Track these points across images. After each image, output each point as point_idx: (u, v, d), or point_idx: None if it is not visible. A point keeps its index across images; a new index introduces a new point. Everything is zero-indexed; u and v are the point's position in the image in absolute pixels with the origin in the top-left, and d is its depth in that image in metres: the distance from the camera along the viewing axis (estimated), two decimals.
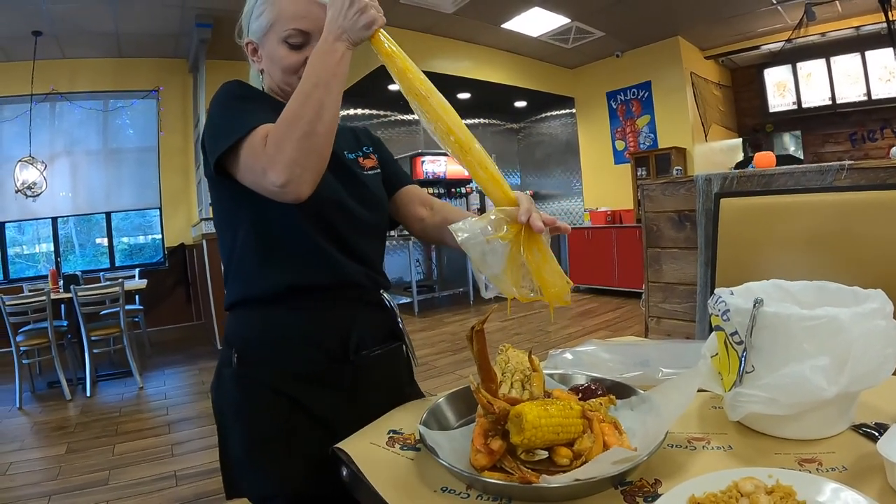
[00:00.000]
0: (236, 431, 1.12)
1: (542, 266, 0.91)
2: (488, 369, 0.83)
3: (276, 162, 0.91)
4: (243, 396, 1.11)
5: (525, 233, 0.89)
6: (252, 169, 0.97)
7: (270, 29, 1.12)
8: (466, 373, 0.86)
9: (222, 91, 1.10)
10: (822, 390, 0.75)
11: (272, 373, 1.10)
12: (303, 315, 1.12)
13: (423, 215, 1.31)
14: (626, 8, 6.88)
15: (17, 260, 7.23)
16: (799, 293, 1.02)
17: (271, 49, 1.13)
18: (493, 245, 0.88)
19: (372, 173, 1.27)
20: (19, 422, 4.25)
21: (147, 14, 6.10)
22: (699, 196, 2.43)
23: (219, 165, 1.02)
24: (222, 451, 1.16)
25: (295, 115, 0.93)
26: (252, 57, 1.20)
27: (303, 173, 0.92)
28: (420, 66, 0.99)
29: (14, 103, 6.70)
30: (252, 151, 0.96)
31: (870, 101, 7.43)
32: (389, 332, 1.28)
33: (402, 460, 0.86)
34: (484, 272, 0.89)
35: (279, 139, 0.92)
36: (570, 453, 0.73)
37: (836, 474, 0.72)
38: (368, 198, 1.20)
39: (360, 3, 0.96)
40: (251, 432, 1.10)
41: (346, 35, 0.97)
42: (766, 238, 1.66)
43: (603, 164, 9.34)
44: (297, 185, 0.92)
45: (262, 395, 1.10)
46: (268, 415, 1.09)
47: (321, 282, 1.12)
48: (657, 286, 2.69)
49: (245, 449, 1.11)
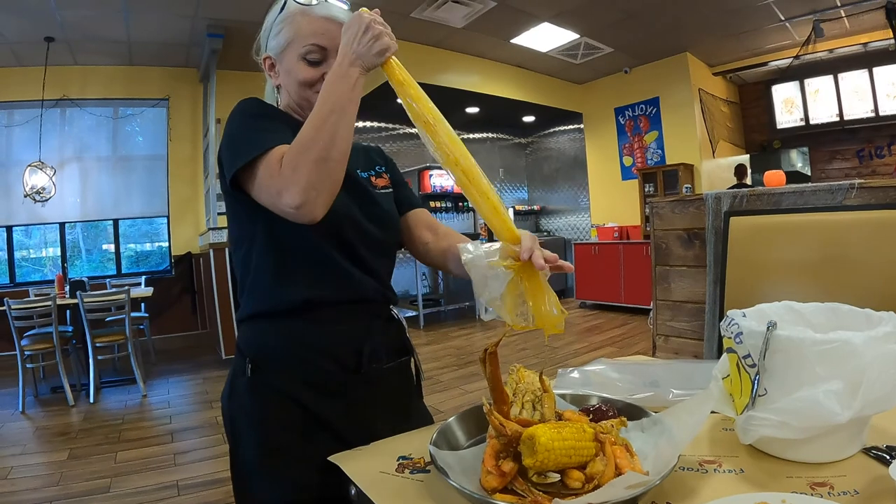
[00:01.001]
0: (250, 439, 1.13)
1: (539, 298, 0.92)
2: (501, 391, 0.83)
3: (292, 184, 0.95)
4: (257, 405, 1.13)
5: (527, 266, 0.90)
6: (267, 189, 0.99)
7: (289, 46, 1.15)
8: (472, 388, 0.86)
9: (239, 108, 1.12)
10: (836, 415, 0.75)
11: (287, 382, 1.12)
12: (318, 327, 1.14)
13: (427, 239, 1.33)
14: (634, 24, 6.92)
15: (23, 264, 7.25)
16: (811, 315, 1.02)
17: (289, 65, 1.16)
18: (496, 271, 0.90)
19: (384, 192, 1.29)
20: (21, 426, 4.25)
21: (159, 23, 6.15)
22: (709, 214, 2.43)
23: (235, 181, 1.04)
24: (234, 461, 1.17)
25: (310, 140, 0.96)
26: (269, 72, 1.22)
27: (317, 196, 0.95)
28: (429, 80, 1.01)
29: (25, 108, 6.74)
30: (268, 172, 0.99)
31: (877, 117, 7.43)
32: (400, 346, 1.30)
33: (411, 483, 0.86)
34: (483, 296, 0.91)
35: (295, 162, 0.95)
36: (583, 476, 0.73)
37: (848, 498, 0.71)
38: (380, 215, 1.23)
39: (374, 31, 0.99)
40: (265, 440, 1.12)
41: (360, 61, 1.00)
42: (775, 257, 1.66)
43: (610, 180, 9.35)
44: (311, 207, 0.95)
45: (277, 404, 1.12)
46: (282, 423, 1.11)
47: (336, 296, 1.15)
48: (665, 304, 2.68)
49: (259, 456, 1.12)
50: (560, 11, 6.53)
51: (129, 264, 7.80)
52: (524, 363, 0.98)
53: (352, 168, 1.17)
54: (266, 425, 1.12)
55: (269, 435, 1.11)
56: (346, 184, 1.02)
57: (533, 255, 0.89)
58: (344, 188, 1.01)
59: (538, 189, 10.83)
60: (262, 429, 1.12)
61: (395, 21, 6.45)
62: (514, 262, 0.90)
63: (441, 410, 1.30)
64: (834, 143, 8.09)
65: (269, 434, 1.11)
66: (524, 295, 0.92)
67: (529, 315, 0.91)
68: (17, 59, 6.50)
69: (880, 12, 6.48)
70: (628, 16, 6.70)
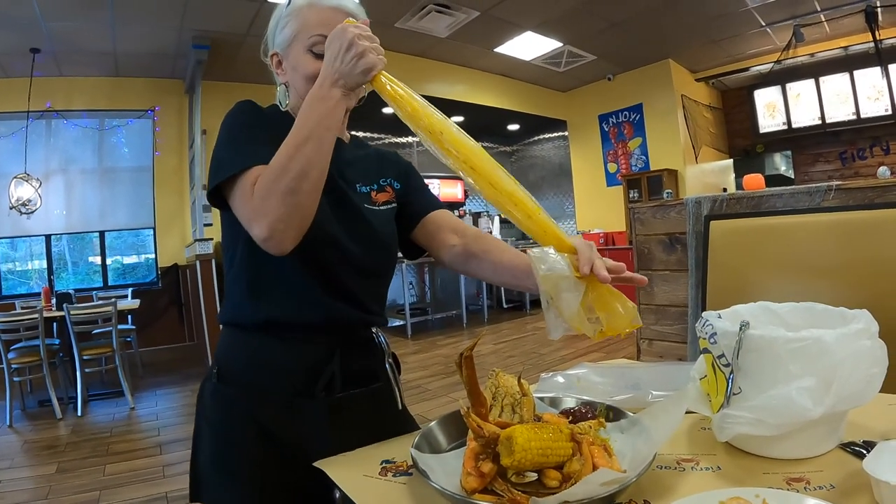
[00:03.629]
0: (207, 444, 1.12)
1: (609, 305, 0.89)
2: (478, 394, 0.83)
3: (261, 216, 0.92)
4: (217, 411, 1.12)
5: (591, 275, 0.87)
6: (240, 213, 0.97)
7: (295, 39, 1.10)
8: (459, 396, 0.87)
9: (231, 114, 1.09)
10: (808, 411, 0.76)
11: (245, 396, 1.10)
12: (279, 344, 1.10)
13: (453, 242, 1.25)
14: (617, 32, 6.99)
15: (9, 276, 7.19)
16: (787, 315, 1.03)
17: (295, 58, 1.11)
18: (571, 283, 0.86)
19: (383, 209, 1.22)
20: (9, 440, 4.21)
21: (144, 34, 6.14)
22: (689, 218, 2.46)
23: (218, 194, 1.02)
24: (193, 457, 1.16)
25: (282, 169, 0.92)
26: (277, 70, 1.18)
27: (285, 230, 0.92)
28: (414, 89, 0.98)
29: (10, 120, 6.70)
30: (242, 195, 0.96)
31: (859, 119, 7.53)
32: (372, 373, 1.21)
33: (394, 486, 0.86)
34: (561, 309, 0.85)
35: (266, 191, 0.92)
36: (560, 475, 0.74)
37: (824, 493, 0.72)
38: (368, 236, 1.15)
39: (357, 48, 0.94)
40: (220, 447, 1.11)
41: (342, 81, 0.95)
42: (756, 259, 1.67)
43: (595, 187, 9.41)
44: (279, 241, 0.93)
45: (235, 414, 1.10)
46: (237, 434, 1.09)
47: (302, 319, 1.10)
48: (649, 308, 2.71)
49: (212, 461, 1.11)
50: (543, 20, 6.59)
51: (116, 276, 7.75)
52: (511, 371, 0.96)
53: (349, 183, 1.16)
54: (222, 434, 1.11)
55: (223, 444, 1.10)
56: (334, 200, 0.99)
57: (594, 266, 0.86)
58: (330, 205, 0.99)
59: None
60: (218, 437, 1.11)
61: (379, 31, 6.36)
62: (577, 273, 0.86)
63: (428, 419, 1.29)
64: (816, 146, 8.18)
65: (223, 443, 1.10)
66: (592, 304, 0.88)
67: (602, 323, 0.88)
68: (2, 71, 6.48)
69: (860, 16, 6.58)
70: (611, 24, 6.76)
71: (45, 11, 5.32)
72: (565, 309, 0.85)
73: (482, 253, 1.18)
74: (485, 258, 1.17)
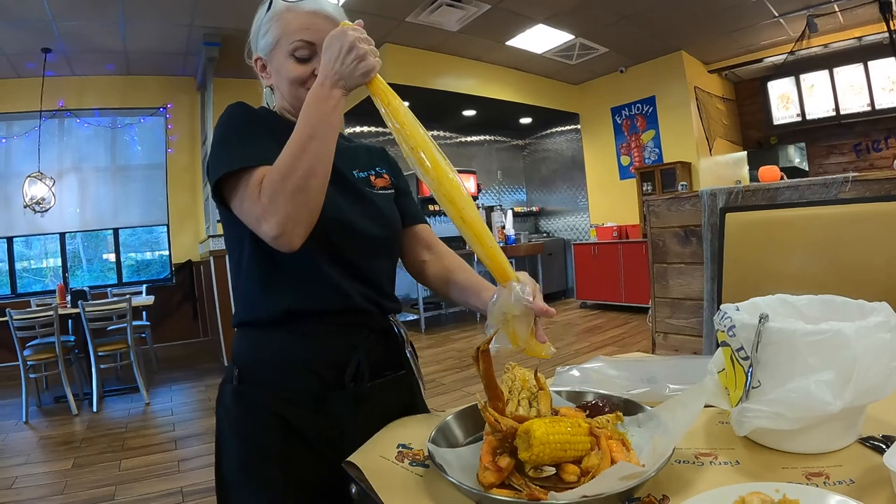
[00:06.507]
0: (232, 448, 1.12)
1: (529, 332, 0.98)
2: (495, 388, 0.83)
3: (270, 215, 0.94)
4: (241, 414, 1.12)
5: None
6: (248, 214, 0.98)
7: (277, 44, 1.12)
8: (474, 390, 0.87)
9: (223, 117, 1.10)
10: (828, 404, 0.75)
11: (269, 395, 1.10)
12: (300, 340, 1.10)
13: (424, 258, 1.30)
14: (629, 24, 6.93)
15: (24, 274, 7.27)
16: (805, 308, 1.02)
17: (279, 63, 1.13)
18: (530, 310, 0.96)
19: (383, 192, 1.25)
20: (25, 436, 4.26)
21: (155, 32, 6.17)
22: (704, 211, 2.44)
23: (217, 192, 1.03)
24: (218, 465, 1.15)
25: (289, 168, 0.94)
26: (261, 74, 1.20)
27: (295, 227, 0.94)
28: (426, 84, 1.00)
29: (23, 119, 6.78)
30: (249, 195, 0.97)
31: (874, 111, 7.41)
32: (394, 361, 1.23)
33: (411, 476, 0.86)
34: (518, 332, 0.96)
35: (273, 191, 0.94)
36: (578, 470, 0.73)
37: (844, 487, 0.71)
38: (377, 214, 1.18)
39: (358, 51, 0.96)
40: (246, 451, 1.10)
41: (342, 82, 0.97)
42: (771, 252, 1.66)
43: (608, 180, 9.35)
44: (289, 238, 0.95)
45: (260, 416, 1.10)
46: (263, 436, 1.09)
47: (321, 306, 1.11)
48: (664, 301, 2.69)
49: (238, 467, 1.10)
50: (554, 13, 6.55)
51: (130, 273, 7.82)
52: (525, 364, 0.98)
53: (344, 168, 1.16)
54: (247, 437, 1.10)
55: (250, 447, 1.10)
56: (336, 183, 1.00)
57: (536, 300, 0.95)
58: (338, 191, 1.00)
59: (536, 190, 10.82)
60: (244, 440, 1.10)
61: (391, 26, 6.45)
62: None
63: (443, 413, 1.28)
64: (831, 137, 8.08)
65: (250, 446, 1.10)
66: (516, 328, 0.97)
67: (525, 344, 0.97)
68: (14, 71, 6.53)
69: (874, 6, 6.49)
70: (622, 16, 6.71)
71: (55, 11, 5.36)
72: (521, 332, 0.96)
73: (445, 271, 1.24)
74: (448, 277, 1.23)
